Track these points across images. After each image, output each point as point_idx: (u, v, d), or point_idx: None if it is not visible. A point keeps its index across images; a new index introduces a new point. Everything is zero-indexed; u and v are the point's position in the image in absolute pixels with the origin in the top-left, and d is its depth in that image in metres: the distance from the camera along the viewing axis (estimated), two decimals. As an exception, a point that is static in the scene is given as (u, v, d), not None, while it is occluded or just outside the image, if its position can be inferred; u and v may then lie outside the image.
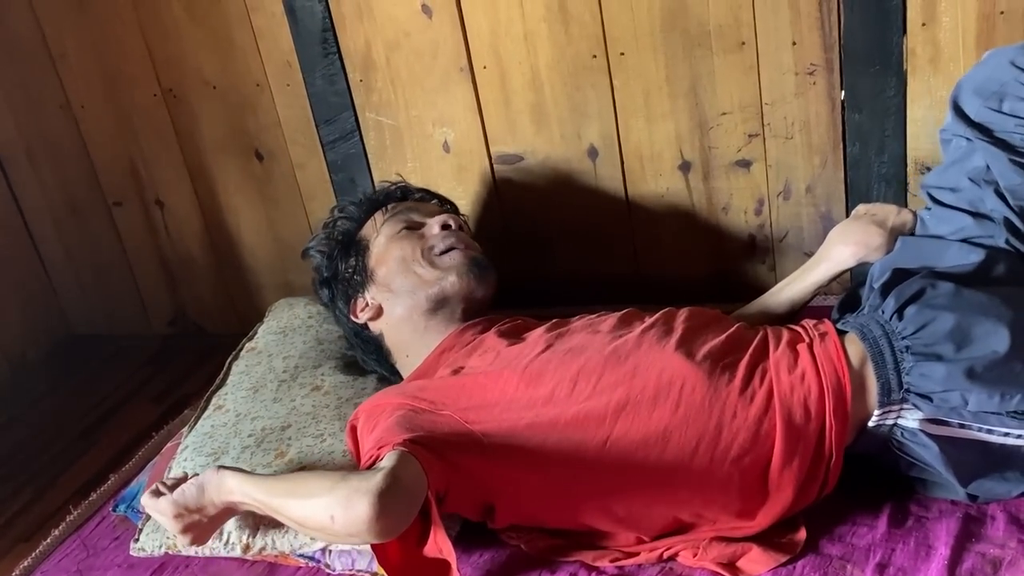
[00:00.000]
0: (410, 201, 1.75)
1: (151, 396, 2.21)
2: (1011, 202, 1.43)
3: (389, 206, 1.71)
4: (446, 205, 1.80)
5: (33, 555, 1.62)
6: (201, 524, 1.39)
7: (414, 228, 1.66)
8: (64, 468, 1.98)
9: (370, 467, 1.28)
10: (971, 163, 1.46)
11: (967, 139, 1.47)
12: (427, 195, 1.80)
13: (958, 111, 1.48)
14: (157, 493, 1.40)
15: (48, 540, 1.65)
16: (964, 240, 1.46)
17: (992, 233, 1.45)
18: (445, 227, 1.66)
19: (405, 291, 1.61)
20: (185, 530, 1.39)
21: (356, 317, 1.66)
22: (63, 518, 1.70)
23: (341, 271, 1.67)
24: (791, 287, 1.63)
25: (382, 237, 1.65)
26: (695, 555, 1.33)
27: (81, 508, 1.72)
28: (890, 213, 1.56)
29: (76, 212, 2.36)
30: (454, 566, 1.26)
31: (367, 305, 1.64)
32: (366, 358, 1.70)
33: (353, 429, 1.46)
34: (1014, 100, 1.43)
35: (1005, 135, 1.44)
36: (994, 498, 1.34)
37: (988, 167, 1.45)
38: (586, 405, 1.34)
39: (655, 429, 1.32)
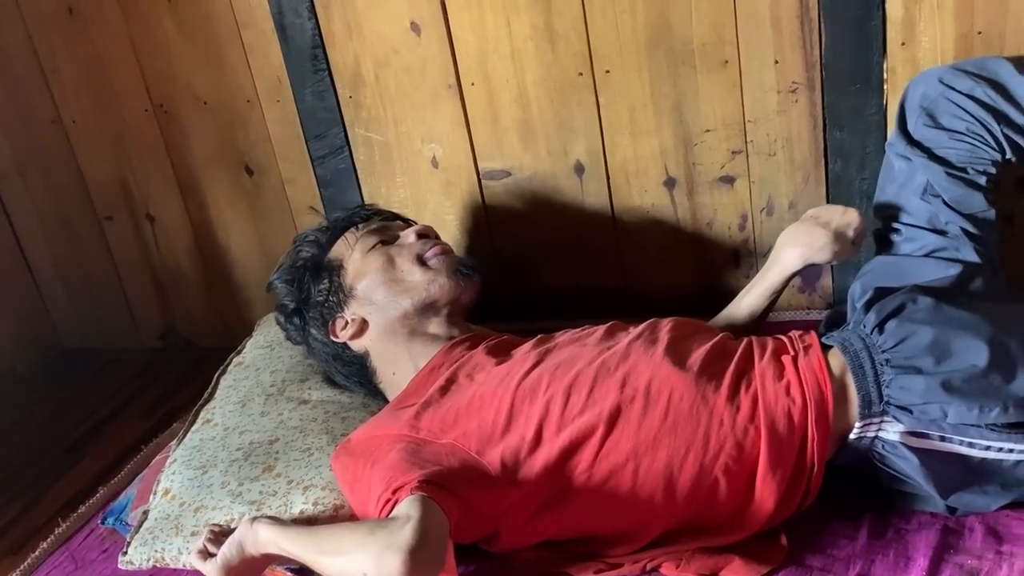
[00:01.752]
0: (379, 220, 1.74)
1: (140, 409, 2.22)
2: (959, 211, 1.50)
3: (360, 225, 1.70)
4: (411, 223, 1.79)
5: (21, 568, 1.62)
6: (246, 574, 1.40)
7: (388, 241, 1.67)
8: (53, 481, 1.98)
9: (388, 511, 1.27)
10: (916, 182, 1.52)
11: (907, 159, 1.53)
12: (391, 216, 1.79)
13: (902, 127, 1.55)
14: (204, 554, 1.41)
15: (36, 553, 1.65)
16: (933, 255, 1.51)
17: (957, 246, 1.50)
18: (423, 235, 1.67)
19: (389, 300, 1.61)
20: None
21: (336, 337, 1.64)
22: (52, 531, 1.70)
23: (313, 296, 1.66)
24: (749, 295, 1.65)
25: (357, 253, 1.65)
26: (678, 566, 1.33)
27: (70, 521, 1.72)
28: (835, 214, 1.56)
29: (67, 226, 2.38)
30: None
31: (348, 322, 1.63)
32: (348, 383, 1.69)
33: (340, 456, 1.46)
34: (945, 116, 1.50)
35: (941, 151, 1.51)
36: (974, 511, 1.36)
37: (931, 183, 1.50)
38: (580, 420, 1.36)
39: (645, 438, 1.34)
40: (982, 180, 1.50)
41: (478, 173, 1.99)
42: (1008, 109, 1.46)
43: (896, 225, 1.56)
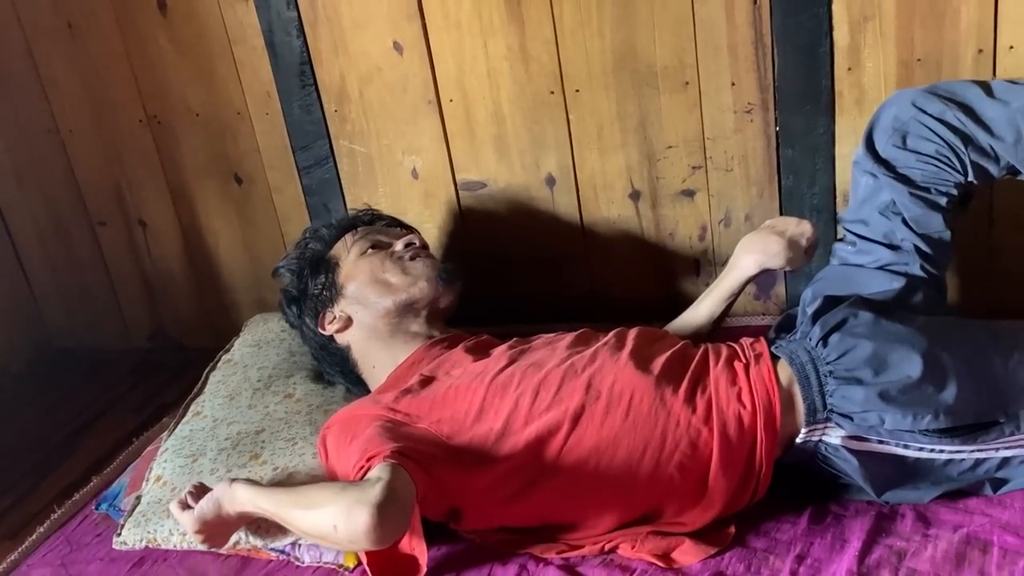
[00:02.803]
0: (379, 225, 1.85)
1: (131, 407, 2.26)
2: (917, 230, 1.56)
3: (359, 229, 1.80)
4: (411, 229, 1.88)
5: (19, 550, 1.68)
6: (219, 531, 1.48)
7: (382, 247, 1.76)
8: (47, 474, 2.03)
9: (362, 476, 1.35)
10: (880, 198, 1.58)
11: (873, 175, 1.58)
12: (393, 222, 1.89)
13: (870, 145, 1.59)
14: (183, 505, 1.48)
15: (33, 537, 1.71)
16: (884, 268, 1.58)
17: (907, 261, 1.57)
18: (409, 244, 1.76)
19: (373, 301, 1.69)
20: (205, 539, 1.47)
21: (324, 329, 1.74)
22: (47, 517, 1.76)
23: (310, 288, 1.75)
24: (708, 298, 1.74)
25: (352, 255, 1.74)
26: (633, 547, 1.42)
27: (65, 507, 1.78)
28: (790, 224, 1.67)
29: (61, 231, 2.42)
30: (424, 558, 1.37)
31: (335, 318, 1.72)
32: (331, 372, 1.78)
33: (323, 440, 1.54)
34: (915, 138, 1.54)
35: (907, 170, 1.56)
36: (907, 503, 1.44)
37: (894, 201, 1.56)
38: (546, 416, 1.44)
39: (607, 435, 1.42)
40: (943, 201, 1.55)
41: (455, 184, 2.07)
42: (976, 132, 1.50)
43: (854, 237, 1.63)
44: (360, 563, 1.48)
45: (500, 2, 1.87)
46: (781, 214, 1.90)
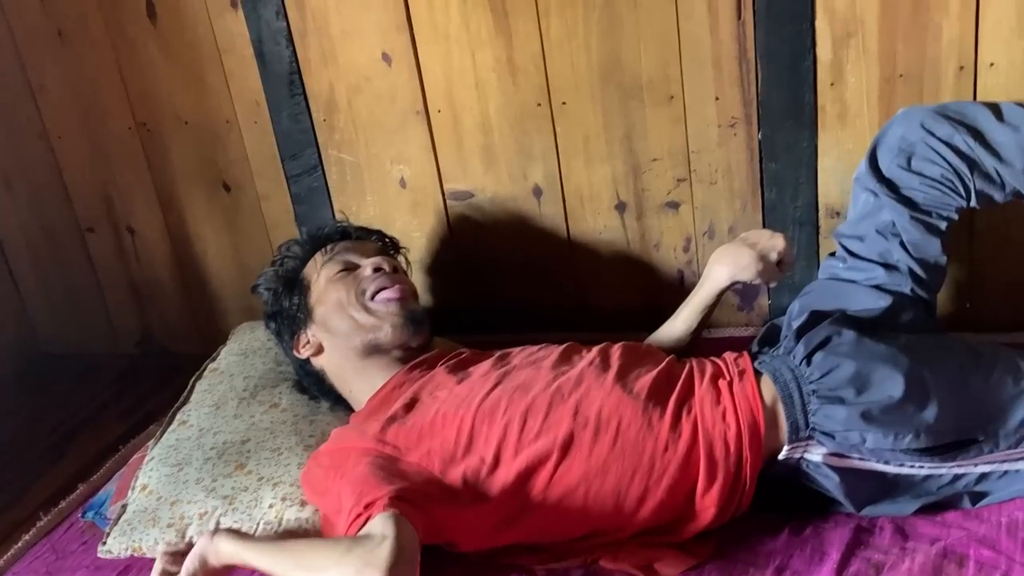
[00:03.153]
0: (350, 241, 1.79)
1: (118, 413, 2.26)
2: (913, 254, 1.56)
3: (329, 246, 1.76)
4: (386, 240, 1.87)
5: (4, 558, 1.69)
6: None
7: (351, 269, 1.72)
8: (34, 479, 2.03)
9: (361, 525, 1.30)
10: (880, 218, 1.58)
11: (874, 194, 1.57)
12: (366, 233, 1.85)
13: (873, 163, 1.59)
14: (169, 557, 1.44)
15: (19, 544, 1.71)
16: (874, 286, 1.58)
17: (900, 282, 1.57)
18: (377, 269, 1.71)
19: (341, 333, 1.67)
20: None
21: (298, 353, 1.73)
22: (33, 524, 1.76)
23: (285, 307, 1.73)
24: (683, 312, 1.74)
25: (322, 279, 1.71)
26: (615, 558, 1.43)
27: (51, 515, 1.78)
28: (762, 237, 1.66)
29: (50, 236, 2.42)
30: None
31: (308, 342, 1.71)
32: (312, 389, 1.77)
33: (310, 469, 1.52)
34: (920, 160, 1.54)
35: (910, 192, 1.56)
36: (886, 515, 1.46)
37: (894, 222, 1.56)
38: (536, 444, 1.44)
39: (596, 463, 1.42)
40: (943, 225, 1.55)
41: (443, 194, 2.08)
42: (984, 157, 1.50)
43: (845, 253, 1.63)
44: None
45: (488, 14, 1.88)
46: (764, 227, 1.91)
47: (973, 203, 1.54)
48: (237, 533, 1.42)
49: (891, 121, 1.59)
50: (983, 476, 1.42)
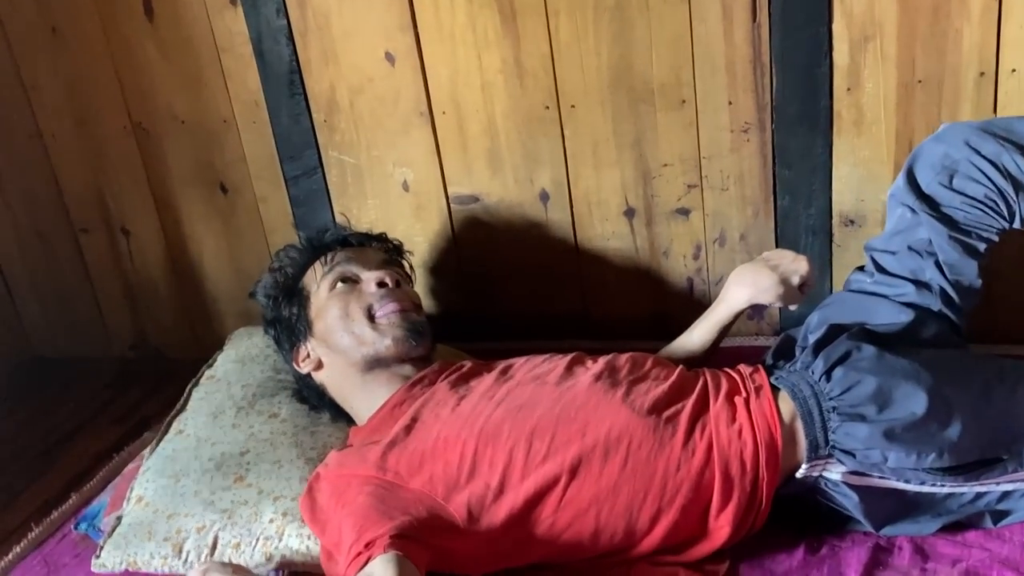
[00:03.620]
0: (350, 249, 1.74)
1: (112, 418, 2.23)
2: (948, 275, 1.52)
3: (329, 255, 1.71)
4: (388, 245, 1.82)
5: None
6: None
7: (352, 281, 1.68)
8: (26, 486, 1.99)
9: (361, 565, 1.27)
10: (915, 235, 1.54)
11: (912, 210, 1.53)
12: (367, 239, 1.80)
13: (911, 179, 1.54)
14: None
15: (10, 556, 1.67)
16: (901, 302, 1.54)
17: (929, 302, 1.53)
18: (380, 285, 1.67)
19: (341, 349, 1.63)
20: None
21: (298, 366, 1.69)
22: (24, 535, 1.72)
23: (285, 316, 1.70)
24: (699, 328, 1.70)
25: (322, 291, 1.67)
26: None
27: (43, 526, 1.74)
28: (784, 259, 1.62)
29: (43, 237, 2.40)
30: None
31: (308, 356, 1.67)
32: (313, 401, 1.73)
33: (311, 490, 1.48)
34: (963, 178, 1.50)
35: (950, 211, 1.52)
36: (905, 535, 1.43)
37: (930, 240, 1.52)
38: (543, 468, 1.39)
39: (606, 485, 1.38)
40: (982, 247, 1.52)
41: (447, 198, 2.05)
42: None
43: (873, 268, 1.60)
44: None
45: (495, 15, 1.85)
46: (776, 235, 1.89)
47: (1016, 224, 1.50)
48: (228, 567, 1.39)
49: (932, 136, 1.55)
50: (1005, 495, 1.40)
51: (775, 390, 1.47)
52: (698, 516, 1.40)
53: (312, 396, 1.73)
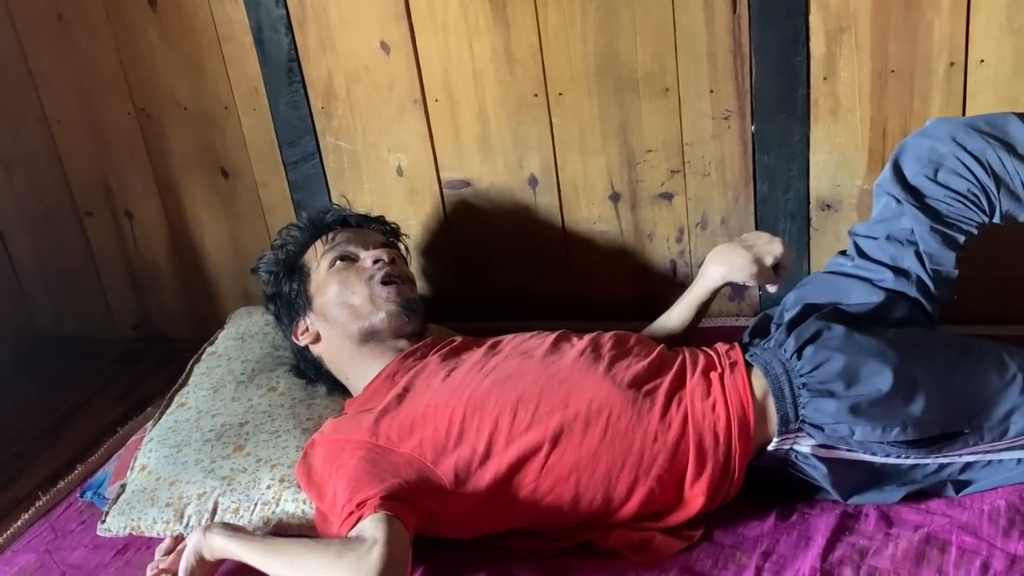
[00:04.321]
0: (350, 230, 1.80)
1: (114, 396, 2.28)
2: (928, 265, 1.56)
3: (330, 235, 1.77)
4: (386, 227, 1.89)
5: (4, 536, 1.70)
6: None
7: (351, 259, 1.74)
8: (32, 460, 2.04)
9: (352, 524, 1.33)
10: (898, 224, 1.58)
11: (897, 200, 1.57)
12: (367, 221, 1.87)
13: (896, 170, 1.58)
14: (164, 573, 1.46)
15: (18, 523, 1.73)
16: (874, 283, 1.59)
17: (905, 289, 1.58)
18: (376, 261, 1.73)
19: (339, 322, 1.70)
20: None
21: (297, 339, 1.75)
22: (32, 504, 1.78)
23: (285, 292, 1.76)
24: (679, 307, 1.75)
25: (322, 268, 1.73)
26: (607, 539, 1.46)
27: (50, 495, 1.80)
28: (760, 240, 1.67)
29: (48, 220, 2.44)
30: None
31: (307, 330, 1.74)
32: (311, 373, 1.79)
33: (306, 457, 1.53)
34: (948, 172, 1.54)
35: (934, 203, 1.56)
36: (871, 503, 1.48)
37: (912, 230, 1.56)
38: (527, 436, 1.45)
39: (586, 453, 1.44)
40: (961, 239, 1.55)
41: (440, 182, 2.10)
42: (1016, 174, 1.49)
43: (854, 252, 1.63)
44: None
45: (486, 5, 1.90)
46: (756, 218, 1.94)
47: (996, 220, 1.54)
48: (229, 527, 1.45)
49: (919, 131, 1.59)
50: (967, 465, 1.45)
51: (749, 367, 1.53)
52: (674, 485, 1.46)
53: (309, 369, 1.79)
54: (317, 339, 1.74)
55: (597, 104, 1.92)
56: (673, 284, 2.05)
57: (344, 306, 1.70)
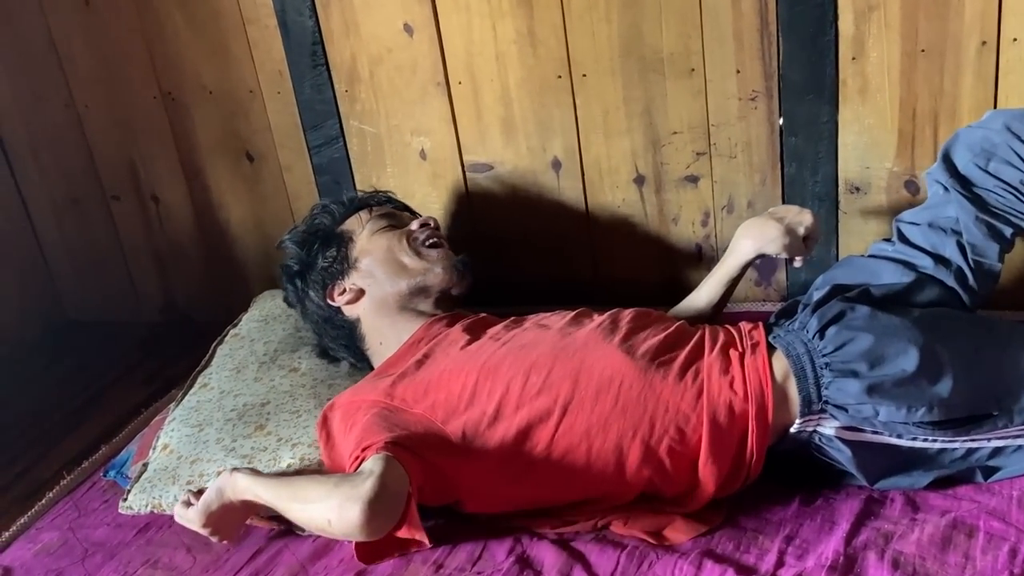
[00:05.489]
0: (392, 206, 1.87)
1: (140, 378, 2.29)
2: (969, 256, 1.54)
3: (373, 208, 1.83)
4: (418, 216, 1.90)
5: (29, 514, 1.73)
6: (226, 521, 1.50)
7: (398, 227, 1.79)
8: (57, 441, 2.06)
9: (356, 467, 1.39)
10: (944, 212, 1.57)
11: (944, 188, 1.56)
12: (402, 206, 1.91)
13: (947, 160, 1.57)
14: (187, 504, 1.51)
15: (43, 501, 1.76)
16: (905, 263, 1.57)
17: (944, 278, 1.56)
18: (424, 226, 1.79)
19: (388, 278, 1.72)
20: (213, 531, 1.50)
21: (333, 301, 1.76)
22: (57, 483, 1.80)
23: (319, 261, 1.77)
24: (708, 283, 1.75)
25: (367, 231, 1.77)
26: (625, 523, 1.45)
27: (74, 474, 1.82)
28: (790, 212, 1.67)
29: (76, 204, 2.46)
30: (425, 540, 1.39)
31: (346, 290, 1.74)
32: (335, 345, 1.79)
33: (325, 419, 1.57)
34: (1000, 162, 1.52)
35: (982, 192, 1.54)
36: (899, 489, 1.47)
37: (957, 219, 1.54)
38: (537, 401, 1.46)
39: (597, 421, 1.45)
40: (1008, 232, 1.54)
41: (463, 166, 2.09)
42: None
43: (901, 237, 1.62)
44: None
45: (509, -15, 1.89)
46: (783, 202, 1.91)
47: None
48: (252, 471, 1.51)
49: (974, 123, 1.57)
50: (997, 451, 1.43)
51: (771, 349, 1.51)
52: (686, 462, 1.45)
53: (339, 337, 1.78)
54: (357, 298, 1.74)
55: (621, 85, 1.91)
56: (698, 268, 2.03)
57: (394, 263, 1.73)
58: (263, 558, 1.53)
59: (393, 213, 1.83)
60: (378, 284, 1.73)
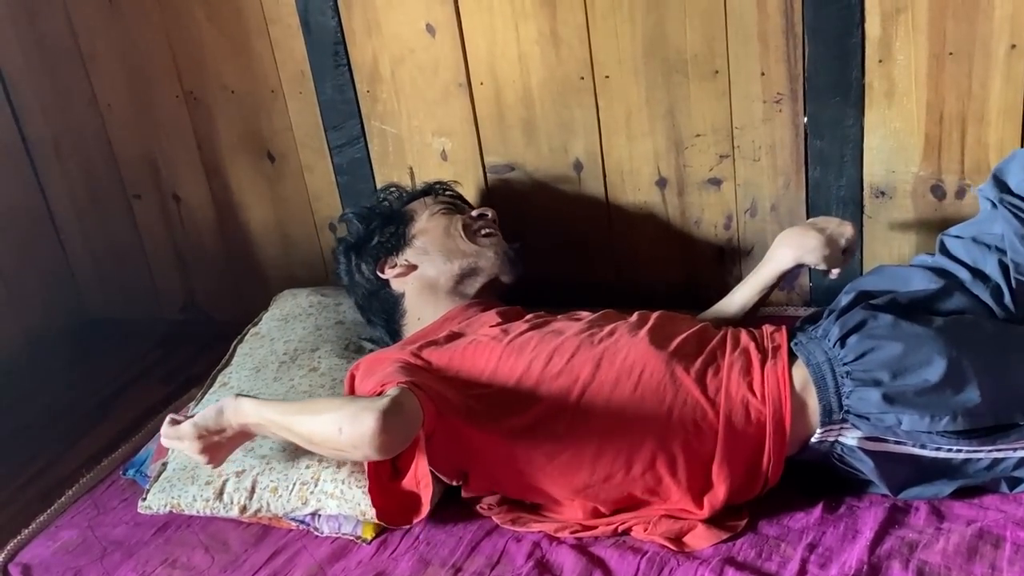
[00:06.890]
0: (450, 196, 1.93)
1: (160, 376, 2.30)
2: (1012, 275, 1.50)
3: (438, 196, 1.90)
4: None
5: (48, 512, 1.73)
6: (218, 445, 1.53)
7: (459, 212, 1.85)
8: (77, 439, 2.07)
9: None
10: (989, 228, 1.55)
11: (993, 204, 1.54)
12: (462, 199, 1.97)
13: (998, 178, 1.56)
14: (175, 421, 1.54)
15: (62, 499, 1.76)
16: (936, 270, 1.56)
17: (979, 293, 1.53)
18: (482, 216, 1.85)
19: (442, 256, 1.77)
20: (203, 451, 1.52)
21: (383, 273, 1.80)
22: (76, 481, 1.81)
23: (376, 236, 1.82)
24: (741, 289, 1.75)
25: (427, 213, 1.83)
26: (646, 530, 1.45)
27: (93, 472, 1.83)
28: (831, 223, 1.67)
29: (98, 203, 2.47)
30: (429, 492, 1.42)
31: (397, 264, 1.79)
32: (376, 319, 1.83)
33: (351, 378, 1.59)
34: None
35: None
36: (923, 499, 1.45)
37: (1003, 236, 1.51)
38: (557, 382, 1.48)
39: (615, 407, 1.45)
40: None
41: (484, 167, 2.08)
42: None
43: (942, 250, 1.60)
44: (378, 535, 1.52)
45: (532, -14, 1.88)
46: (807, 205, 1.90)
47: None
48: (258, 397, 1.56)
49: None
50: (1022, 461, 1.40)
51: (793, 357, 1.50)
52: (700, 461, 1.44)
53: (379, 309, 1.82)
54: (407, 272, 1.79)
55: (644, 87, 1.90)
56: (720, 272, 2.02)
57: (449, 244, 1.78)
58: (281, 559, 1.53)
59: (456, 202, 1.89)
60: (431, 262, 1.78)
